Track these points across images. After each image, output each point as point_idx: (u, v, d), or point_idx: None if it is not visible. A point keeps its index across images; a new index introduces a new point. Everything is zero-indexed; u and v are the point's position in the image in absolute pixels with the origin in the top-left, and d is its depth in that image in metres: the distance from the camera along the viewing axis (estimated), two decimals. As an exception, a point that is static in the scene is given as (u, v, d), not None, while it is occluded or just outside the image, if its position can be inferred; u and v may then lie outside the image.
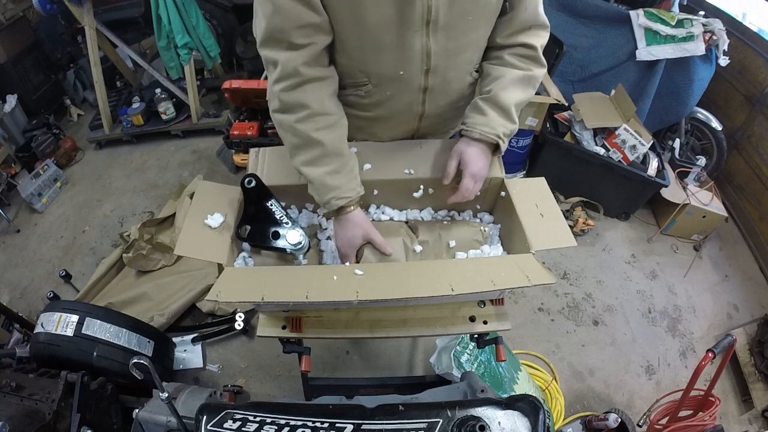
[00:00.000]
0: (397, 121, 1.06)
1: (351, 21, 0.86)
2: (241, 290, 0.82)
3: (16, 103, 3.24)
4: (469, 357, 1.59)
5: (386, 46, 0.89)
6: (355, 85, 0.99)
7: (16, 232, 2.84)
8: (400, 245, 1.02)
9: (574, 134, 2.59)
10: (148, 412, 1.25)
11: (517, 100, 0.98)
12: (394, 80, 0.95)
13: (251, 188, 1.01)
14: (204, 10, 3.00)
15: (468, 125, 0.98)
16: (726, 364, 1.62)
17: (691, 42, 2.38)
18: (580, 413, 1.90)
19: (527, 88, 1.00)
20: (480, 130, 0.96)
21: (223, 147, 2.96)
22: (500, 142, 0.97)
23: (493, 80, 0.98)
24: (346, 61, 0.94)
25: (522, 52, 0.98)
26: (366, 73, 0.96)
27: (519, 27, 0.96)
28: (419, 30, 0.87)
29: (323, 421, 0.78)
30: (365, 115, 1.04)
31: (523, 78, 0.98)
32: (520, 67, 0.98)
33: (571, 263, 2.50)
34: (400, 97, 0.99)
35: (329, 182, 0.92)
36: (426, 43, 0.89)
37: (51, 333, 1.51)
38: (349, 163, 0.95)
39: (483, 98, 0.98)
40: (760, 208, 2.56)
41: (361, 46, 0.90)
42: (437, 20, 0.86)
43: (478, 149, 0.98)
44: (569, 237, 0.94)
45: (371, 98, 1.00)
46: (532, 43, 0.97)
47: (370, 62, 0.93)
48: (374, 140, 1.11)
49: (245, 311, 2.07)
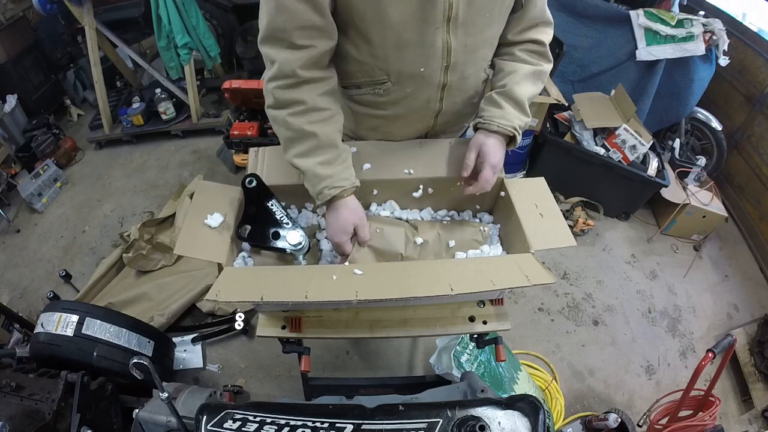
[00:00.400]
0: (414, 119, 1.07)
1: (374, 19, 0.86)
2: (240, 290, 0.82)
3: (16, 103, 3.24)
4: (469, 357, 1.59)
5: (408, 43, 0.90)
6: (374, 83, 0.99)
7: (16, 232, 2.84)
8: (401, 236, 1.02)
9: (574, 134, 2.59)
10: (148, 412, 1.25)
11: (530, 93, 1.01)
12: (415, 77, 0.96)
13: (252, 188, 1.01)
14: (204, 10, 3.00)
15: (485, 118, 1.00)
16: (726, 364, 1.62)
17: (691, 42, 2.38)
18: (580, 413, 1.90)
19: (537, 82, 1.04)
20: (498, 122, 0.98)
21: (223, 147, 2.96)
22: (516, 134, 1.00)
23: (507, 75, 1.01)
24: (366, 59, 0.95)
25: (532, 48, 1.02)
26: (386, 71, 0.96)
27: (528, 24, 1.00)
28: (440, 27, 0.88)
29: (323, 421, 0.78)
30: (382, 114, 1.05)
31: (534, 73, 1.02)
32: (530, 62, 1.02)
33: (571, 263, 2.49)
34: (420, 95, 1.00)
35: (321, 172, 0.93)
36: (447, 40, 0.91)
37: (51, 333, 1.51)
38: (342, 155, 0.96)
39: (498, 92, 1.01)
40: (760, 208, 2.55)
41: (383, 44, 0.91)
42: (457, 17, 0.87)
43: (496, 141, 1.00)
44: (569, 237, 0.94)
45: (389, 96, 1.01)
46: (541, 39, 1.02)
47: (391, 60, 0.93)
48: (389, 139, 1.12)
49: (245, 311, 2.07)
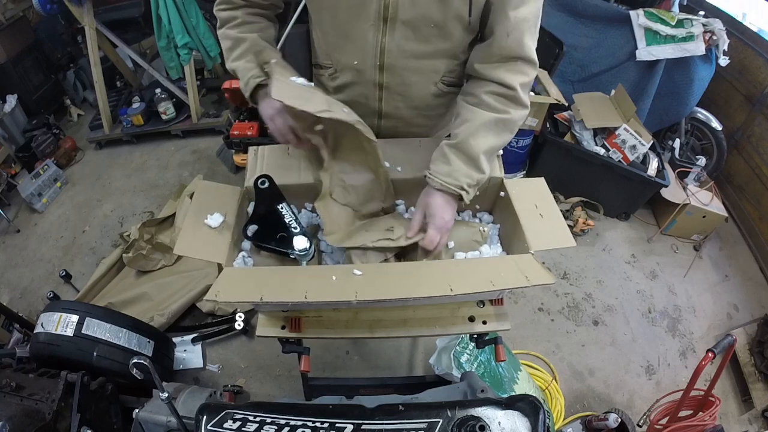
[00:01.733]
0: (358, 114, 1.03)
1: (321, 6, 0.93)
2: (240, 290, 0.82)
3: (16, 103, 3.24)
4: (469, 357, 1.59)
5: (348, 34, 0.93)
6: (323, 66, 1.05)
7: (16, 232, 2.84)
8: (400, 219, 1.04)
9: (574, 134, 2.59)
10: (148, 412, 1.25)
11: (488, 146, 0.91)
12: (351, 69, 0.99)
13: (264, 189, 1.01)
14: (204, 10, 2.99)
15: (431, 173, 0.93)
16: (726, 364, 1.62)
17: (691, 42, 2.38)
18: (580, 413, 1.90)
19: (502, 132, 0.92)
20: (441, 180, 0.91)
21: (223, 147, 2.96)
22: (462, 194, 0.92)
23: (462, 123, 0.92)
24: (320, 43, 1.03)
25: (499, 90, 0.89)
26: (330, 57, 1.02)
27: (499, 56, 0.88)
28: (374, 24, 0.89)
29: (323, 421, 0.78)
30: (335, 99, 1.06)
31: (497, 122, 0.90)
32: (495, 108, 0.90)
33: (571, 263, 2.50)
34: (357, 88, 1.03)
35: (247, 65, 0.97)
36: (380, 39, 0.91)
37: (51, 333, 1.51)
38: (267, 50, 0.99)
39: (449, 144, 0.92)
40: (760, 208, 2.55)
41: (330, 30, 0.96)
42: (395, 19, 0.87)
43: (442, 200, 0.93)
44: (569, 237, 0.94)
45: (334, 82, 1.05)
46: (511, 83, 0.88)
47: (333, 47, 0.99)
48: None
49: (245, 311, 2.07)
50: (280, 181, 1.05)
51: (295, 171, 1.08)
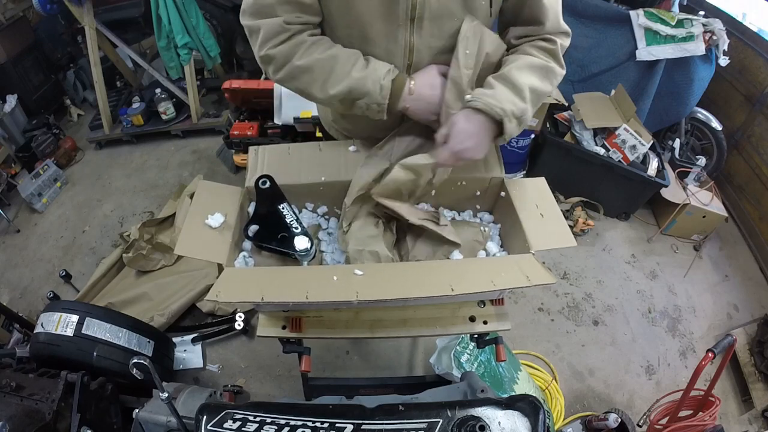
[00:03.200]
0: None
1: (341, 11, 0.88)
2: (240, 290, 0.82)
3: (16, 103, 3.24)
4: (469, 357, 1.59)
5: (372, 38, 0.90)
6: None
7: (16, 232, 2.84)
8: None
9: (574, 134, 2.59)
10: (148, 412, 1.25)
11: (533, 83, 0.87)
12: None
13: (264, 189, 1.01)
14: (204, 10, 3.00)
15: (473, 96, 0.87)
16: (726, 364, 1.62)
17: (691, 42, 2.38)
18: (580, 413, 1.90)
19: (544, 78, 0.91)
20: (483, 100, 0.85)
21: (223, 147, 2.96)
22: (505, 120, 0.84)
23: (507, 63, 0.91)
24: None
25: (541, 45, 0.92)
26: None
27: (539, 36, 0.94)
28: (402, 25, 0.88)
29: (323, 421, 0.78)
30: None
31: (541, 66, 0.90)
32: (539, 56, 0.91)
33: (571, 263, 2.50)
34: None
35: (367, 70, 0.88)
36: (409, 39, 0.90)
37: (51, 333, 1.51)
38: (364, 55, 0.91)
39: (494, 76, 0.90)
40: (760, 208, 2.55)
41: (349, 35, 0.91)
42: (422, 17, 0.87)
43: (473, 125, 0.87)
44: (569, 237, 0.94)
45: None
46: (552, 38, 0.93)
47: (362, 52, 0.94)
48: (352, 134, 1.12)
49: (245, 311, 2.07)
50: (280, 181, 1.05)
51: (296, 171, 1.08)
